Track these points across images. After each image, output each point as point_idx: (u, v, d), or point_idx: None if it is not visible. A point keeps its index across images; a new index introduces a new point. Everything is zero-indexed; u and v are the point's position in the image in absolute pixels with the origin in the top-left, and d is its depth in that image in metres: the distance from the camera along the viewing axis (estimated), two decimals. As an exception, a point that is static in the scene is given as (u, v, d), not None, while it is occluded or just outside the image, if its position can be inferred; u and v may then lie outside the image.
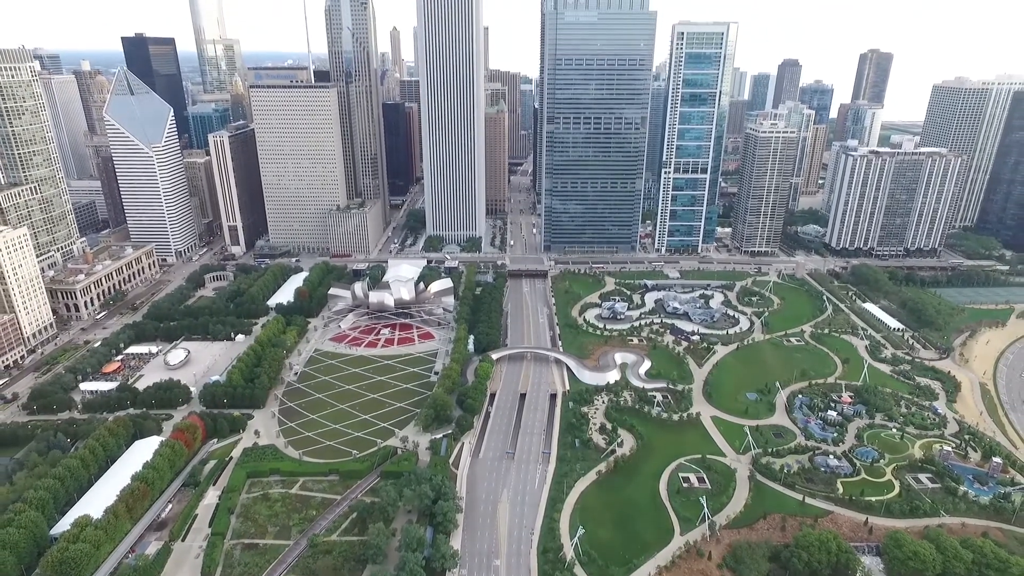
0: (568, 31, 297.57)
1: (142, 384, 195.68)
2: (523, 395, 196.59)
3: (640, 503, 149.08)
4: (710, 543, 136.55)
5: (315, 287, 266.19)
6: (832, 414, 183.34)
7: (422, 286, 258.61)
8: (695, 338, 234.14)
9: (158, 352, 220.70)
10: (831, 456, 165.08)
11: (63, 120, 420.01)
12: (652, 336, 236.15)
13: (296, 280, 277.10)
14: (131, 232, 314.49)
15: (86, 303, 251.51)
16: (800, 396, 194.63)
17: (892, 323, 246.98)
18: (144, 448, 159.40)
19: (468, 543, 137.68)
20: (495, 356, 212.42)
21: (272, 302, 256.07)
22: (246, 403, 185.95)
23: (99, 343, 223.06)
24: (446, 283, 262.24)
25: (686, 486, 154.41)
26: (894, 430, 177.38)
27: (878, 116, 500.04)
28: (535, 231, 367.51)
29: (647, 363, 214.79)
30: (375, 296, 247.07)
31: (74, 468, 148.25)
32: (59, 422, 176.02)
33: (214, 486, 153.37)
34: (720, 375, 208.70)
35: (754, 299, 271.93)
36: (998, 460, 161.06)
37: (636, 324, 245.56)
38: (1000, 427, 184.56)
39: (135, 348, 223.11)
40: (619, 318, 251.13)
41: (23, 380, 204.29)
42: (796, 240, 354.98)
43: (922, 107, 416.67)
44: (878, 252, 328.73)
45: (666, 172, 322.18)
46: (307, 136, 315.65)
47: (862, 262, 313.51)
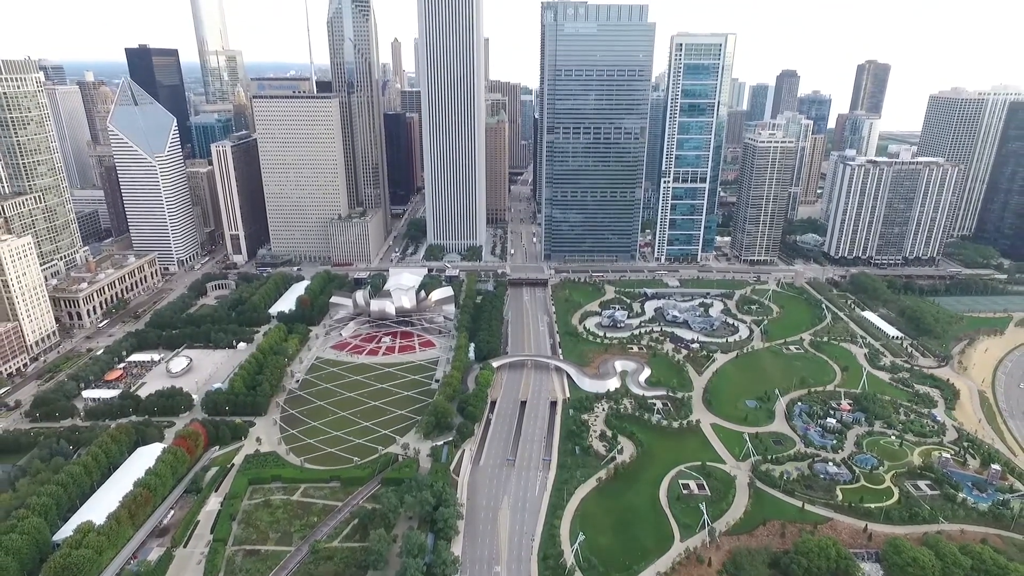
0: (568, 42, 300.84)
1: (144, 392, 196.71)
2: (523, 403, 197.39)
3: (640, 510, 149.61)
4: (710, 549, 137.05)
5: (316, 295, 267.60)
6: (831, 421, 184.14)
7: (423, 294, 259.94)
8: (695, 346, 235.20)
9: (160, 360, 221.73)
10: (830, 463, 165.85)
11: (67, 130, 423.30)
12: (652, 344, 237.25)
13: (298, 289, 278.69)
14: (134, 241, 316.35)
15: (89, 311, 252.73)
16: (799, 403, 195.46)
17: (891, 331, 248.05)
18: (146, 455, 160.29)
19: (469, 549, 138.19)
20: (496, 364, 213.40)
21: (274, 310, 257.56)
22: (248, 410, 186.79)
23: (101, 351, 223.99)
24: (447, 291, 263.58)
25: (686, 493, 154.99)
26: (893, 437, 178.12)
27: (876, 126, 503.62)
28: (535, 240, 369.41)
29: (647, 371, 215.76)
30: (376, 304, 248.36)
31: (76, 475, 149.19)
32: (61, 429, 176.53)
33: (216, 493, 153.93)
34: (720, 383, 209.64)
35: (753, 307, 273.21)
36: (997, 467, 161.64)
37: (636, 332, 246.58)
38: (999, 434, 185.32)
39: (137, 356, 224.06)
40: (619, 326, 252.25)
41: (26, 388, 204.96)
42: (795, 249, 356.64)
43: (919, 117, 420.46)
44: (877, 261, 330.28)
45: (665, 182, 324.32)
46: (309, 146, 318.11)
47: (861, 271, 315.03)
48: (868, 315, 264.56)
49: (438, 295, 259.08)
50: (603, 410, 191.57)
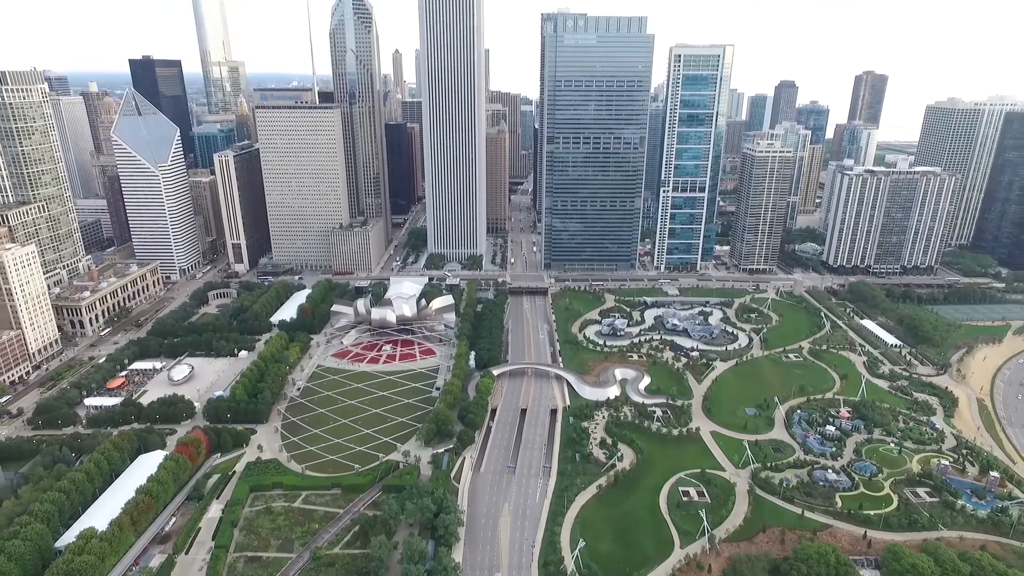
0: (568, 53, 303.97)
1: (146, 399, 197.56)
2: (524, 410, 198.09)
3: (640, 517, 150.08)
4: (710, 556, 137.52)
5: (318, 304, 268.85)
6: (831, 429, 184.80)
7: (424, 303, 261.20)
8: (694, 354, 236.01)
9: (162, 368, 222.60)
10: (830, 470, 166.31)
11: (70, 140, 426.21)
12: (652, 352, 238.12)
13: (299, 297, 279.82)
14: (136, 250, 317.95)
15: (91, 320, 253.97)
16: (799, 411, 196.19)
17: (889, 339, 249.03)
18: (148, 462, 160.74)
19: (469, 556, 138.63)
20: (496, 372, 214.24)
21: (275, 319, 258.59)
22: (249, 418, 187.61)
23: (103, 359, 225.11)
24: (447, 300, 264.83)
25: (686, 500, 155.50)
26: (892, 445, 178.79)
27: (874, 136, 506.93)
28: (535, 249, 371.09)
29: (647, 379, 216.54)
30: (377, 313, 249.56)
31: (79, 481, 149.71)
32: (64, 437, 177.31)
33: (217, 500, 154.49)
34: (719, 391, 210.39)
35: (753, 316, 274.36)
36: (995, 474, 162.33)
37: (636, 340, 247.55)
38: (997, 442, 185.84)
39: (139, 364, 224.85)
40: (619, 334, 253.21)
41: (28, 395, 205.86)
42: (794, 258, 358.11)
43: (917, 127, 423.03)
44: (875, 270, 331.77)
45: (665, 191, 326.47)
46: (311, 156, 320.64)
47: (859, 279, 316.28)
48: (867, 323, 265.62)
49: (439, 304, 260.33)
50: (603, 418, 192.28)
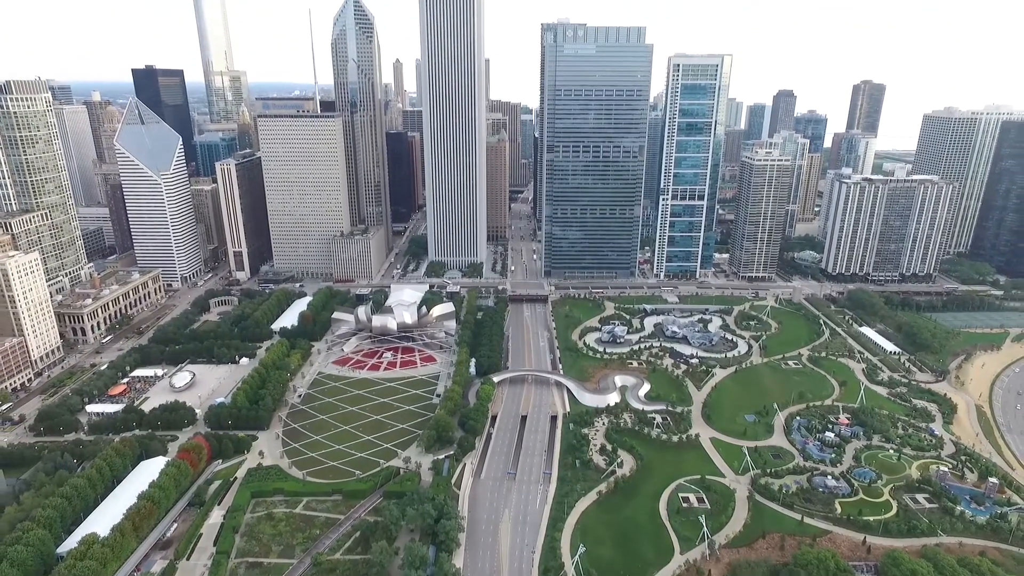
0: (567, 63, 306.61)
1: (148, 406, 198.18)
2: (524, 417, 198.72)
3: (640, 523, 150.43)
4: (710, 562, 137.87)
5: (319, 311, 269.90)
6: (830, 435, 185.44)
7: (424, 310, 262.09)
8: (694, 361, 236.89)
9: (164, 375, 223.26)
10: (829, 476, 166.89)
11: (73, 149, 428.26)
12: (651, 359, 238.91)
13: (300, 304, 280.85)
14: (138, 258, 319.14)
15: (93, 327, 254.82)
16: (798, 418, 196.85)
17: (888, 346, 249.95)
18: (150, 468, 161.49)
19: (470, 562, 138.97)
20: (496, 379, 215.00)
21: (276, 326, 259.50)
22: (251, 424, 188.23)
23: (105, 366, 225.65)
24: (448, 307, 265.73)
25: (686, 506, 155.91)
26: (891, 451, 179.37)
27: (872, 145, 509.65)
28: (535, 257, 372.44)
29: (646, 386, 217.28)
30: (378, 320, 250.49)
31: (81, 487, 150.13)
32: (65, 443, 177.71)
33: (219, 506, 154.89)
34: (719, 397, 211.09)
35: (752, 323, 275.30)
36: (994, 480, 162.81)
37: (635, 348, 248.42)
38: (996, 448, 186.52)
39: (141, 371, 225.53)
40: (619, 342, 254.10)
41: (30, 402, 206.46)
42: (793, 266, 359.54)
43: (914, 136, 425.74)
44: (874, 277, 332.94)
45: (664, 199, 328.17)
46: (312, 164, 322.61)
47: (858, 287, 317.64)
48: (866, 331, 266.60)
49: (439, 311, 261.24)
50: (603, 424, 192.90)
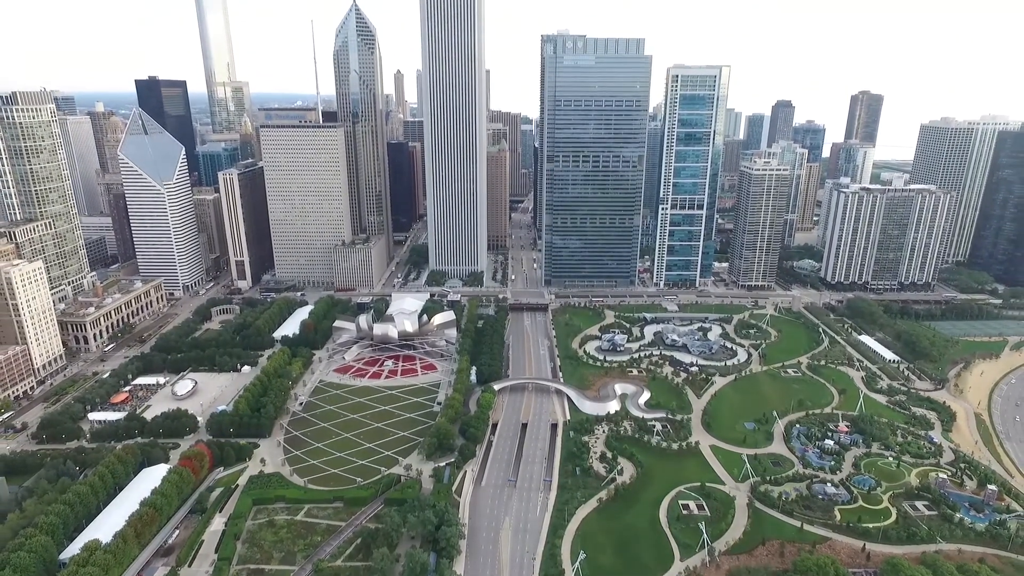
0: (567, 74, 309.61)
1: (150, 414, 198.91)
2: (524, 425, 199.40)
3: (640, 530, 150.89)
4: (710, 569, 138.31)
5: (320, 320, 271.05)
6: (829, 443, 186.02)
7: (425, 318, 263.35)
8: (694, 369, 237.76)
9: (165, 383, 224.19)
10: (829, 484, 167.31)
11: (76, 158, 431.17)
12: (651, 367, 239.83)
13: (301, 313, 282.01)
14: (140, 267, 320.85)
15: (95, 335, 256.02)
16: (798, 425, 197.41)
17: (887, 355, 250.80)
18: (152, 475, 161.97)
19: (471, 569, 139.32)
20: (497, 387, 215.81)
21: (278, 334, 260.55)
22: (252, 432, 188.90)
23: (107, 374, 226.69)
24: (449, 316, 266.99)
25: (686, 513, 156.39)
26: (891, 458, 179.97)
27: (870, 155, 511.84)
28: (536, 266, 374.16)
29: (646, 394, 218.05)
30: (379, 328, 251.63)
31: (83, 494, 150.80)
32: (68, 451, 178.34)
33: (220, 513, 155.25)
34: (719, 405, 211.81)
35: (751, 332, 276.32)
36: (993, 488, 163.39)
37: (635, 356, 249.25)
38: (995, 456, 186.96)
39: (143, 379, 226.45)
40: (619, 350, 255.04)
41: (33, 410, 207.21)
42: (792, 275, 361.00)
43: (912, 146, 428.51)
44: (873, 286, 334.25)
45: (663, 209, 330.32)
46: (314, 174, 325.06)
47: (857, 296, 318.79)
48: (865, 339, 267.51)
49: (440, 319, 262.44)
50: (603, 432, 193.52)
